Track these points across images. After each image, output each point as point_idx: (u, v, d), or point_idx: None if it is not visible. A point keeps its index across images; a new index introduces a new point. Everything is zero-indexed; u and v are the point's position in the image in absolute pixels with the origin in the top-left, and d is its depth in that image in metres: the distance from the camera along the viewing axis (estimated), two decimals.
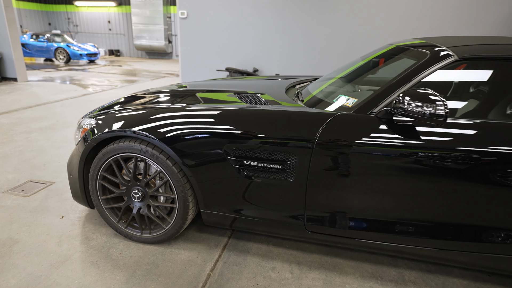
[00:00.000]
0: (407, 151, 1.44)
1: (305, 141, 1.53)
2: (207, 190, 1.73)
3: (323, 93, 1.96)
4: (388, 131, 1.47)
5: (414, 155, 1.43)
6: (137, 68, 12.28)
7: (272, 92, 2.13)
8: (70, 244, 1.94)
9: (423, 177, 1.45)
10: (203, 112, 1.73)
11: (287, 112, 1.64)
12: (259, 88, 2.31)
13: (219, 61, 5.89)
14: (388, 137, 1.46)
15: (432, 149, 1.42)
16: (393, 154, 1.45)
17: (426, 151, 1.42)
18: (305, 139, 1.53)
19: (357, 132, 1.49)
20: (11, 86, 7.02)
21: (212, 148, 1.64)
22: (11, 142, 3.68)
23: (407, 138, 1.44)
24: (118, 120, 1.82)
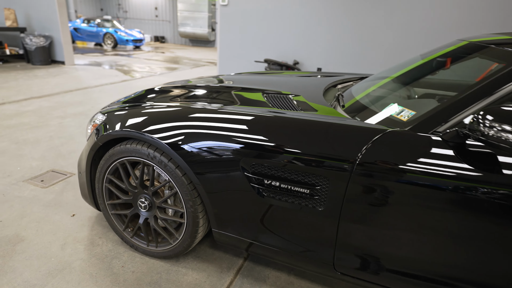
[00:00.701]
0: (483, 189, 1.05)
1: (342, 162, 1.19)
2: (220, 208, 1.47)
3: (370, 98, 1.59)
4: (457, 159, 1.09)
5: (492, 195, 1.05)
6: (179, 55, 12.34)
7: (308, 93, 1.79)
8: (73, 248, 1.79)
9: (504, 226, 1.06)
10: (216, 115, 1.46)
11: (321, 122, 1.31)
12: (295, 87, 1.98)
13: (258, 52, 5.58)
14: (456, 167, 1.08)
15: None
16: (462, 191, 1.07)
17: (511, 191, 1.03)
18: (343, 160, 1.19)
19: (413, 157, 1.13)
20: (58, 69, 7.28)
21: (226, 160, 1.37)
22: (45, 126, 3.70)
23: (485, 171, 1.06)
24: (125, 118, 1.60)
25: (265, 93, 1.78)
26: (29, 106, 4.42)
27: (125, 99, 2.01)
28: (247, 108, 1.52)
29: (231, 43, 5.79)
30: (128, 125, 1.55)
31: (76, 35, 13.00)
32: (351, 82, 2.30)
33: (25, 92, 5.16)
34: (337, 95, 1.77)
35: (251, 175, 1.34)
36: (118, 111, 1.70)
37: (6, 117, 3.94)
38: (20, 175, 2.55)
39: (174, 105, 1.61)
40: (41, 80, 6.05)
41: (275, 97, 1.70)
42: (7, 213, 2.06)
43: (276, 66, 5.13)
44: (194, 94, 1.89)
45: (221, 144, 1.37)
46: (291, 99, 1.65)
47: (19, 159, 2.82)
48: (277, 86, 1.98)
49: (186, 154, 1.41)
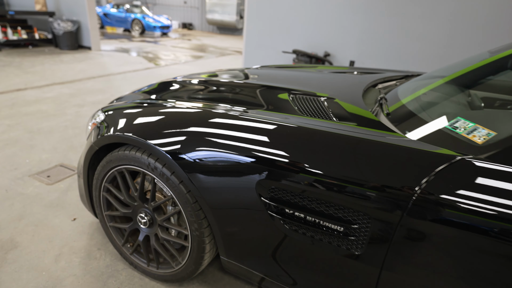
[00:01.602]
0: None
1: (393, 196, 0.89)
2: (230, 235, 1.20)
3: (423, 105, 1.25)
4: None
5: None
6: (205, 43, 12.12)
7: (343, 95, 1.47)
8: (68, 261, 1.60)
9: None
10: (230, 121, 1.18)
11: (363, 140, 1.00)
12: (327, 86, 1.66)
13: (286, 42, 5.22)
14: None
15: None
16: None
17: None
18: (394, 194, 0.89)
19: (495, 197, 0.80)
20: (84, 55, 7.25)
21: (240, 180, 1.09)
22: (61, 115, 3.58)
23: None
24: (123, 120, 1.36)
25: (292, 93, 1.47)
26: (49, 93, 4.34)
27: (135, 93, 1.78)
28: (269, 114, 1.23)
29: (258, 32, 5.46)
30: (124, 129, 1.31)
31: (105, 20, 13.07)
32: (394, 81, 1.94)
33: (48, 77, 5.11)
34: (380, 98, 1.44)
35: (269, 201, 1.06)
36: (119, 110, 1.46)
37: (25, 103, 3.86)
38: (27, 169, 2.41)
39: (180, 107, 1.35)
40: (66, 66, 6.01)
41: (303, 99, 1.39)
42: (6, 213, 1.91)
43: (305, 57, 4.77)
44: (213, 93, 1.62)
45: (235, 159, 1.10)
46: (322, 103, 1.34)
47: (30, 150, 2.69)
48: (306, 84, 1.67)
49: (191, 168, 1.15)
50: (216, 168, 1.12)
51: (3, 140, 2.84)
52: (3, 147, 2.71)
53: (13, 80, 4.78)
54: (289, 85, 1.60)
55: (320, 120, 1.15)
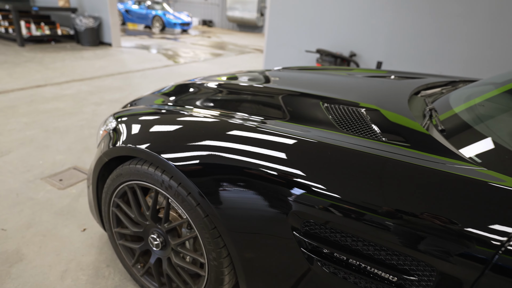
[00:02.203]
0: None
1: (473, 245, 0.69)
2: (253, 269, 1.03)
3: (487, 121, 1.04)
4: None
5: None
6: (225, 40, 11.99)
7: (386, 104, 1.26)
8: (74, 279, 1.47)
9: None
10: (257, 135, 1.00)
11: (427, 169, 0.80)
12: (365, 92, 1.45)
13: (309, 40, 5.00)
14: None
15: None
16: None
17: None
18: (475, 242, 0.69)
19: None
20: (105, 51, 7.25)
21: (268, 208, 0.92)
22: (78, 113, 3.51)
23: None
24: (134, 130, 1.21)
25: (326, 101, 1.27)
26: (68, 90, 4.29)
27: (154, 94, 1.64)
28: (298, 128, 1.04)
29: (280, 30, 5.26)
30: (137, 140, 1.16)
31: (127, 17, 13.15)
32: (438, 88, 1.72)
33: (68, 74, 5.09)
34: (428, 110, 1.23)
35: (303, 236, 0.88)
36: (132, 117, 1.31)
37: (44, 100, 3.82)
38: (40, 171, 2.32)
39: (197, 116, 1.18)
40: (86, 62, 6.00)
41: (341, 109, 1.19)
42: (14, 220, 1.81)
43: (329, 57, 4.53)
44: (231, 99, 1.45)
45: (262, 183, 0.92)
46: (364, 116, 1.14)
47: (44, 151, 2.61)
48: (340, 90, 1.47)
49: (209, 190, 0.99)
50: (238, 192, 0.95)
51: (19, 139, 2.77)
52: (18, 147, 2.64)
53: (34, 76, 4.78)
54: (320, 91, 1.41)
55: (366, 140, 0.95)
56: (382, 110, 1.17)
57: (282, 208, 0.89)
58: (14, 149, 2.61)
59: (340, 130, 1.02)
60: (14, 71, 4.94)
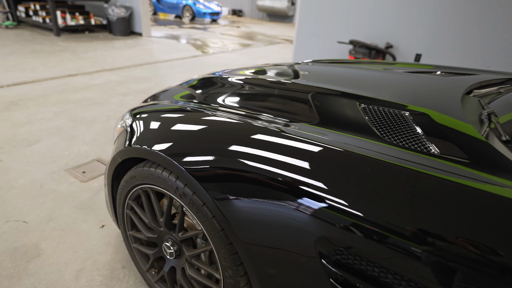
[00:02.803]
0: None
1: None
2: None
3: None
4: None
5: None
6: (254, 31, 11.79)
7: (438, 106, 1.08)
8: (89, 279, 1.43)
9: None
10: (282, 141, 0.87)
11: (497, 197, 0.64)
12: (409, 91, 1.27)
13: (342, 31, 4.74)
14: None
15: None
16: None
17: None
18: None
19: None
20: (135, 41, 7.32)
21: (293, 231, 0.79)
22: (106, 103, 3.52)
23: None
24: (147, 130, 1.12)
25: (363, 101, 1.10)
26: (98, 79, 4.34)
27: (182, 85, 1.55)
28: (334, 134, 0.89)
29: (312, 19, 5.02)
30: (151, 142, 1.06)
31: (158, 7, 13.26)
32: (495, 86, 1.49)
33: (99, 63, 5.16)
34: (486, 114, 1.03)
35: (332, 266, 0.75)
36: (150, 114, 1.22)
37: (74, 90, 3.88)
38: (64, 162, 2.32)
39: (221, 117, 1.06)
40: (117, 52, 6.07)
41: (382, 112, 1.02)
42: (36, 212, 1.81)
43: (363, 49, 4.26)
44: (256, 97, 1.31)
45: (286, 200, 0.79)
46: (411, 121, 0.96)
47: (70, 142, 2.62)
48: (379, 89, 1.29)
49: (225, 202, 0.87)
50: (259, 207, 0.83)
51: (47, 129, 2.81)
52: (46, 136, 2.67)
53: (67, 66, 4.88)
54: (355, 89, 1.23)
55: (414, 154, 0.79)
56: (433, 115, 0.99)
57: (308, 231, 0.76)
58: (42, 138, 2.64)
59: (382, 138, 0.86)
60: (48, 60, 5.08)
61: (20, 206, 1.85)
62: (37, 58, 5.13)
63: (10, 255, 1.52)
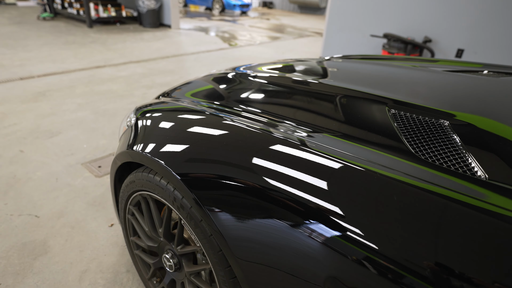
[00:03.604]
0: None
1: None
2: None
3: None
4: None
5: None
6: (284, 23, 11.53)
7: (485, 112, 0.89)
8: (92, 282, 1.38)
9: None
10: (302, 156, 0.74)
11: None
12: (447, 92, 1.08)
13: (375, 24, 4.45)
14: None
15: None
16: None
17: None
18: None
19: None
20: (163, 33, 7.34)
21: (300, 267, 0.66)
22: (129, 96, 3.51)
23: None
24: (153, 131, 1.02)
25: (393, 106, 0.93)
26: (123, 71, 4.36)
27: (206, 76, 1.45)
28: (360, 149, 0.74)
29: (344, 11, 4.76)
30: (153, 148, 0.96)
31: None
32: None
33: (126, 55, 5.20)
34: None
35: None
36: (156, 114, 1.12)
37: (100, 81, 3.91)
38: (82, 155, 2.31)
39: (235, 123, 0.94)
40: (145, 44, 6.10)
41: (416, 120, 0.85)
42: (49, 207, 1.79)
43: (398, 43, 3.97)
44: (276, 100, 1.16)
45: (293, 229, 0.66)
46: (451, 134, 0.78)
47: (90, 134, 2.61)
48: (414, 90, 1.11)
49: (224, 220, 0.76)
50: (262, 229, 0.71)
51: (70, 121, 2.83)
52: (67, 128, 2.69)
53: (96, 57, 4.95)
54: (386, 90, 1.06)
55: (451, 178, 0.63)
56: (481, 124, 0.81)
57: (315, 268, 0.63)
58: (64, 130, 2.65)
59: (412, 153, 0.70)
60: (79, 52, 5.18)
61: (35, 199, 1.84)
62: (68, 49, 5.26)
63: (18, 251, 1.50)
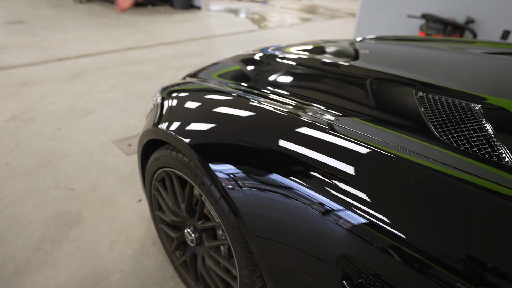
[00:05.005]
0: None
1: None
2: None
3: None
4: None
5: None
6: (316, 4, 11.16)
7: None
8: (121, 252, 1.46)
9: None
10: (328, 140, 0.73)
11: None
12: (482, 75, 1.02)
13: (413, 3, 4.19)
14: None
15: None
16: None
17: None
18: None
19: None
20: (193, 15, 7.36)
21: (316, 241, 0.66)
22: (159, 77, 3.59)
23: None
24: (170, 111, 1.04)
25: (421, 89, 0.89)
26: (154, 53, 4.45)
27: (207, 68, 1.46)
28: (387, 133, 0.72)
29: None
30: (177, 126, 0.99)
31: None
32: None
33: (157, 37, 5.29)
34: None
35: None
36: (177, 95, 1.15)
37: (132, 63, 4.02)
38: (114, 134, 2.41)
39: (262, 105, 0.94)
40: (175, 26, 6.16)
41: (444, 104, 0.81)
42: (83, 181, 1.90)
43: (437, 24, 3.73)
44: (305, 82, 1.13)
45: (310, 208, 0.67)
46: (482, 120, 0.74)
47: (122, 114, 2.72)
48: (447, 73, 1.05)
49: (242, 198, 0.78)
50: (280, 208, 0.72)
51: (103, 100, 2.95)
52: (101, 108, 2.81)
53: (128, 39, 5.08)
54: (416, 73, 1.01)
55: (479, 164, 0.60)
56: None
57: (328, 246, 0.63)
58: (97, 109, 2.78)
59: (439, 139, 0.67)
60: (112, 34, 5.33)
61: (70, 173, 1.96)
62: (102, 32, 5.42)
63: (55, 220, 1.62)
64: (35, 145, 2.22)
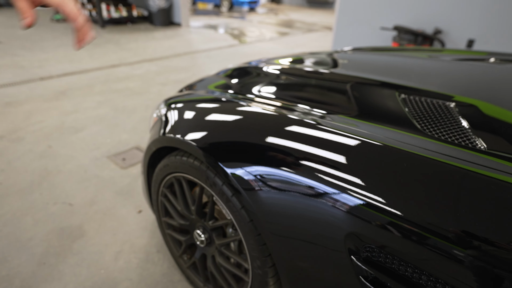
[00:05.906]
0: None
1: None
2: (300, 285, 0.89)
3: None
4: None
5: None
6: (293, 18, 11.56)
7: (488, 95, 0.97)
8: (127, 261, 1.50)
9: None
10: (317, 133, 0.83)
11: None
12: (453, 78, 1.17)
13: (385, 16, 4.48)
14: None
15: None
16: None
17: None
18: None
19: None
20: (174, 31, 7.48)
21: (323, 226, 0.76)
22: (145, 93, 3.65)
23: None
24: (183, 119, 1.12)
25: (403, 91, 1.02)
26: (138, 70, 4.50)
27: (218, 74, 1.56)
28: (370, 126, 0.84)
29: (353, 5, 4.79)
30: (183, 132, 1.07)
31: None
32: None
33: (140, 54, 5.35)
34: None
35: (362, 263, 0.71)
36: (183, 104, 1.23)
37: (117, 80, 4.06)
38: (107, 149, 2.45)
39: (255, 108, 1.04)
40: (156, 42, 6.24)
41: (423, 103, 0.94)
42: (81, 196, 1.93)
43: (409, 35, 4.01)
44: (292, 88, 1.26)
45: (317, 193, 0.76)
46: (456, 112, 0.87)
47: (112, 130, 2.75)
48: (423, 78, 1.19)
49: (255, 194, 0.86)
50: (289, 199, 0.81)
51: (92, 117, 2.97)
52: (90, 125, 2.83)
53: (110, 56, 5.11)
54: (397, 78, 1.15)
55: (457, 149, 0.72)
56: (482, 106, 0.90)
57: (338, 225, 0.73)
58: (87, 126, 2.80)
59: (422, 132, 0.79)
60: (94, 52, 5.35)
61: (67, 189, 1.98)
62: (84, 50, 5.42)
63: (57, 235, 1.64)
64: (28, 163, 2.23)
